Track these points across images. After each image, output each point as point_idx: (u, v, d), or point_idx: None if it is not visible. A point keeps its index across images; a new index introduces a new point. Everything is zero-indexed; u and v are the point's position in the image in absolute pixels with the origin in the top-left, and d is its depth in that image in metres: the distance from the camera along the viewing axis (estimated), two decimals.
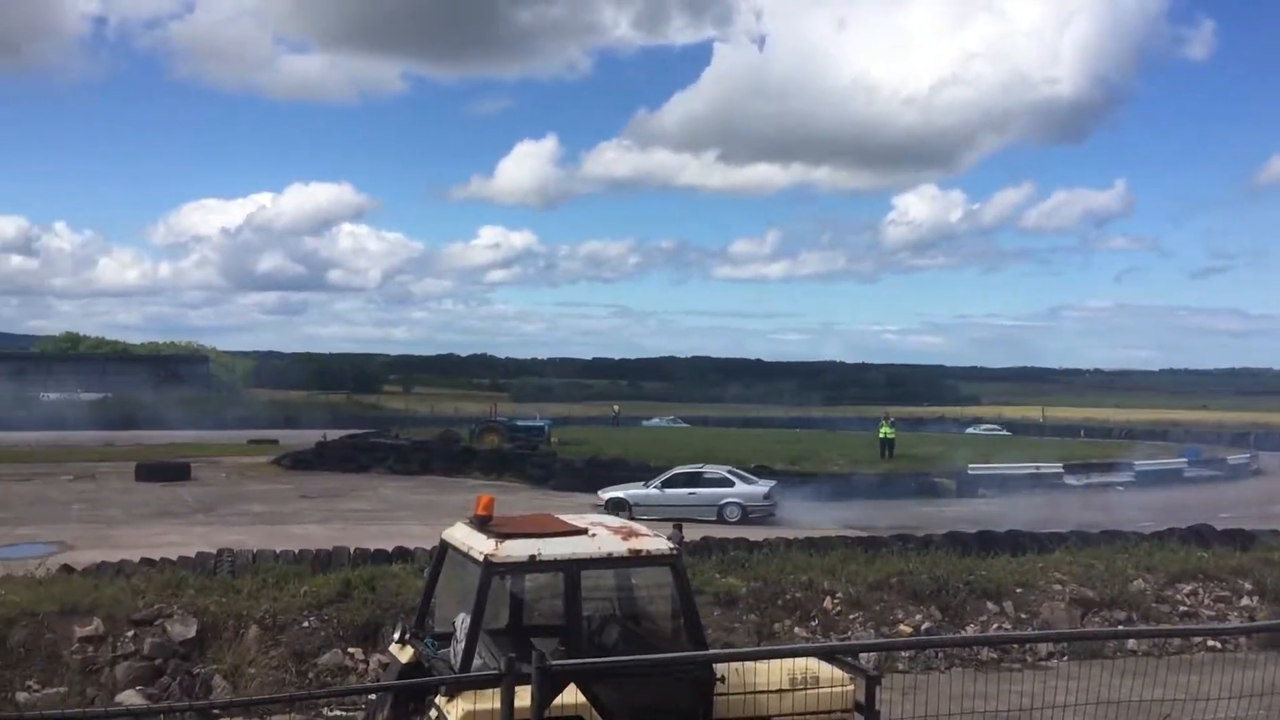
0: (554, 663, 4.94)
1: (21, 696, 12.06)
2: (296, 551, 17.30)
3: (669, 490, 29.48)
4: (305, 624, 13.46)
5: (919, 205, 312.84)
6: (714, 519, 28.08)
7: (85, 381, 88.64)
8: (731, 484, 29.77)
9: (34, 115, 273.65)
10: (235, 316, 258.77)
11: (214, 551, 17.22)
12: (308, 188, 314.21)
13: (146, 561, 16.59)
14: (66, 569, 16.02)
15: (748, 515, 28.16)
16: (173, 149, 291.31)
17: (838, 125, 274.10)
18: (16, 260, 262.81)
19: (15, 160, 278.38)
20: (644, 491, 29.70)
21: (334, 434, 48.75)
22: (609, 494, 29.78)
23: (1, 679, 12.22)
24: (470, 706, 7.02)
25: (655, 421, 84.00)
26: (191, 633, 13.08)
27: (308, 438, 49.02)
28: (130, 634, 12.95)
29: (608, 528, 8.45)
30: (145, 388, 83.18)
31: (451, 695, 7.21)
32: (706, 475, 30.32)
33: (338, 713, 11.70)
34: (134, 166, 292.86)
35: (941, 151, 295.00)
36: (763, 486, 30.17)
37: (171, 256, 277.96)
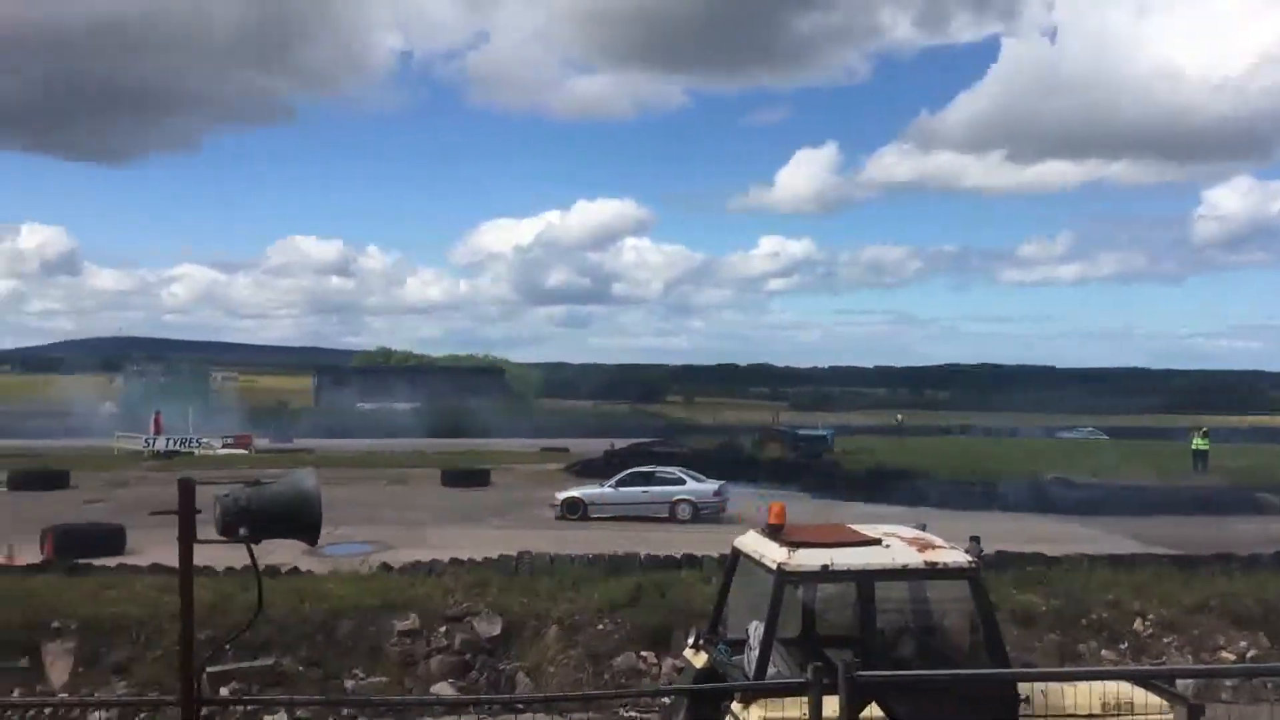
0: (861, 673, 4.87)
1: (349, 684, 13.14)
2: (590, 556, 17.93)
3: (623, 489, 29.99)
4: (600, 626, 13.94)
5: (1231, 198, 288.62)
6: (666, 516, 28.84)
7: (396, 392, 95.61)
8: (683, 482, 30.27)
9: (349, 146, 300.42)
10: (527, 329, 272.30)
11: (514, 554, 18.14)
12: (593, 204, 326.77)
13: (455, 562, 17.70)
14: (385, 567, 17.34)
15: (699, 513, 28.79)
16: (470, 172, 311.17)
17: (1137, 116, 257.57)
18: (336, 281, 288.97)
19: (334, 189, 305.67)
20: (599, 490, 30.32)
21: (620, 443, 50.10)
22: (564, 494, 30.29)
23: (332, 667, 13.36)
24: (767, 714, 7.03)
25: (1073, 433, 78.50)
26: (497, 630, 13.83)
27: (595, 446, 50.63)
28: (443, 629, 13.85)
29: (902, 539, 8.26)
30: (448, 398, 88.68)
31: (748, 702, 7.25)
32: (659, 475, 31.01)
33: (633, 714, 12.02)
34: (436, 190, 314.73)
35: (1257, 139, 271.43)
36: (712, 485, 30.51)
37: (469, 274, 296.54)
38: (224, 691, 11.71)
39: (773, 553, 7.92)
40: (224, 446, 55.02)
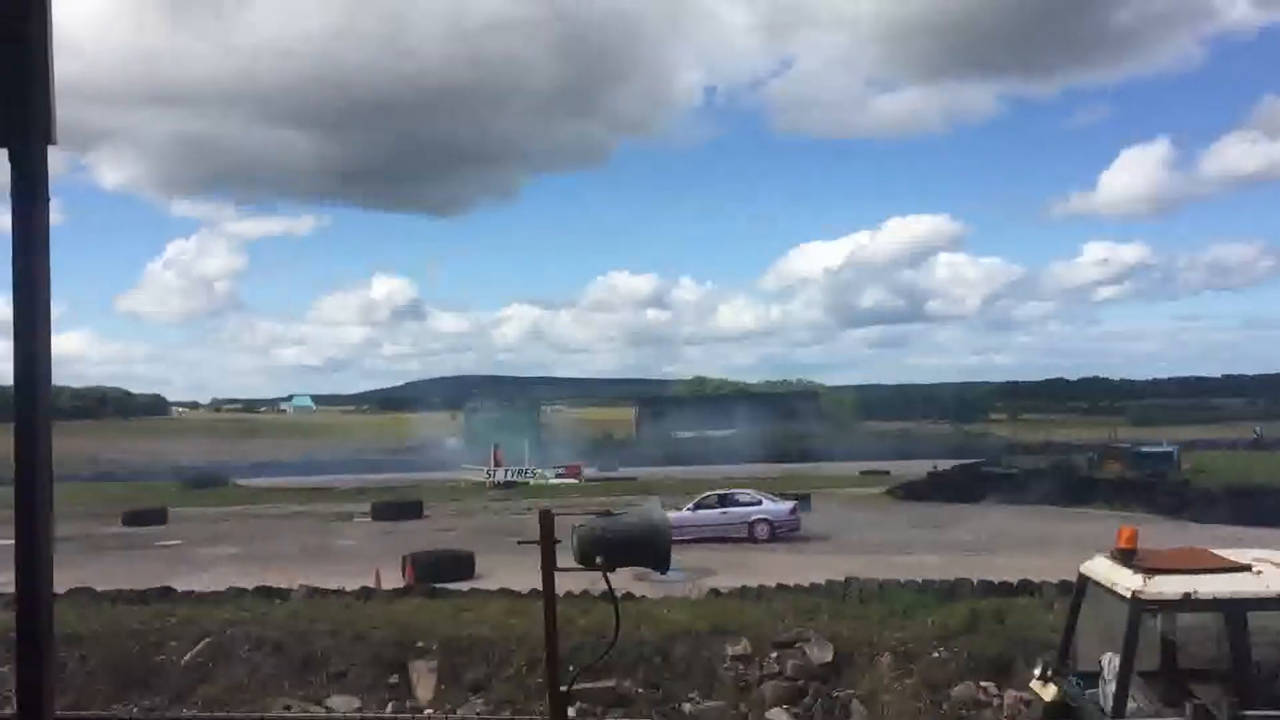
0: (1247, 712, 4.48)
1: (687, 707, 13.45)
2: (920, 581, 17.50)
3: (702, 511, 30.33)
4: (935, 654, 13.55)
5: None
6: (745, 536, 29.37)
7: (713, 420, 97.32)
8: (759, 503, 30.86)
9: (659, 181, 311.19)
10: (840, 352, 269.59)
11: (841, 579, 17.98)
12: (904, 221, 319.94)
13: (781, 587, 17.77)
14: (714, 592, 17.64)
15: (775, 532, 29.39)
16: (777, 198, 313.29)
17: None
18: (652, 313, 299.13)
19: (647, 224, 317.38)
20: (679, 514, 29.90)
21: (943, 464, 48.66)
22: None
23: (669, 690, 13.72)
24: None
25: None
26: (828, 657, 13.73)
27: (917, 468, 49.41)
28: (774, 655, 13.91)
29: (1277, 565, 7.52)
30: (765, 423, 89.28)
31: None
32: (736, 496, 31.56)
33: None
34: (744, 218, 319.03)
35: None
36: (787, 504, 31.30)
37: (781, 299, 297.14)
38: (570, 712, 12.28)
39: (1126, 580, 7.44)
40: (556, 477, 58.01)
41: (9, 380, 1.76)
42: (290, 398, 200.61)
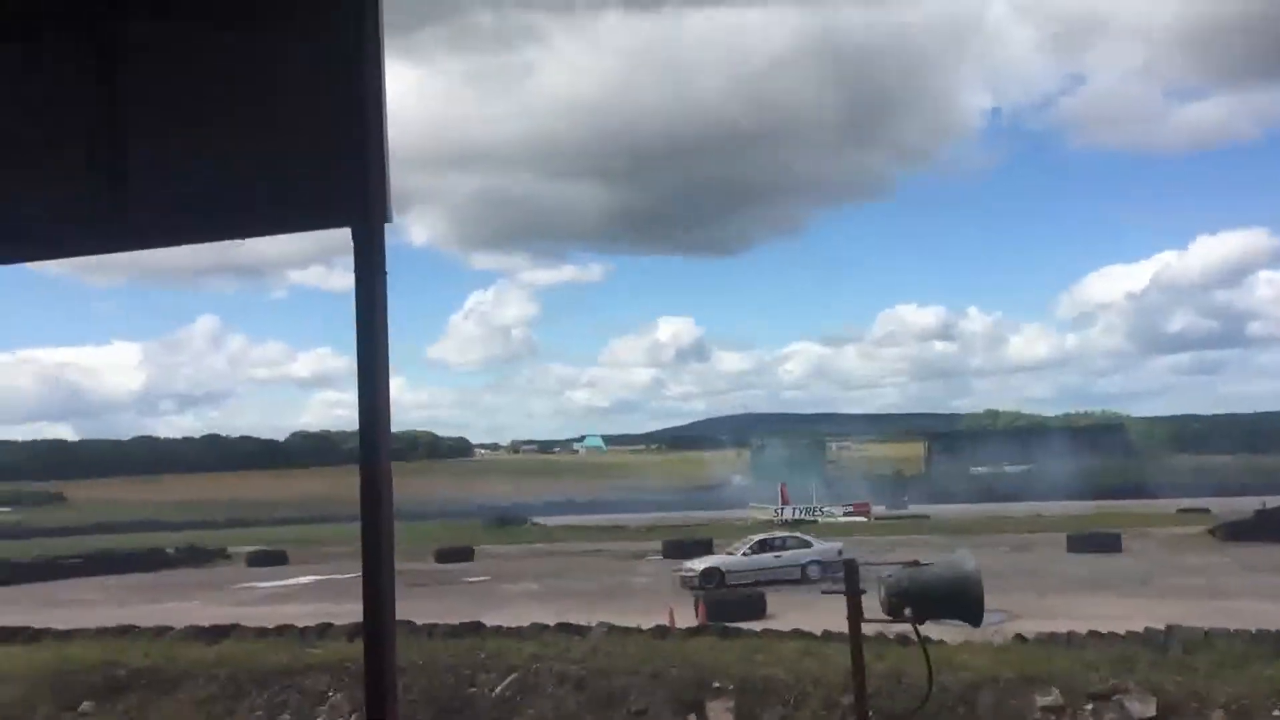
0: None
1: None
2: (1254, 631, 15.95)
3: (756, 556, 31.37)
4: (1276, 713, 12.32)
5: None
6: (798, 579, 29.99)
7: (1008, 454, 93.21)
8: (810, 545, 32.39)
9: (944, 210, 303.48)
10: (1147, 380, 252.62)
11: (1161, 627, 16.67)
12: (1215, 238, 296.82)
13: (1093, 634, 16.66)
14: (1019, 638, 16.77)
15: (827, 572, 29.09)
16: (1071, 221, 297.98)
17: None
18: (939, 346, 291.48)
19: (931, 256, 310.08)
20: (734, 559, 31.51)
21: (1272, 500, 44.45)
22: (703, 564, 31.34)
23: None
24: None
25: None
26: (1151, 711, 12.76)
27: (1241, 505, 45.41)
28: (1088, 707, 13.08)
29: None
30: (1065, 458, 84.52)
31: None
32: (788, 540, 33.05)
33: None
34: (1034, 244, 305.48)
35: None
36: (836, 544, 32.44)
37: (1077, 327, 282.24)
38: None
39: None
40: (845, 514, 57.24)
41: (350, 425, 1.94)
42: (582, 438, 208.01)
